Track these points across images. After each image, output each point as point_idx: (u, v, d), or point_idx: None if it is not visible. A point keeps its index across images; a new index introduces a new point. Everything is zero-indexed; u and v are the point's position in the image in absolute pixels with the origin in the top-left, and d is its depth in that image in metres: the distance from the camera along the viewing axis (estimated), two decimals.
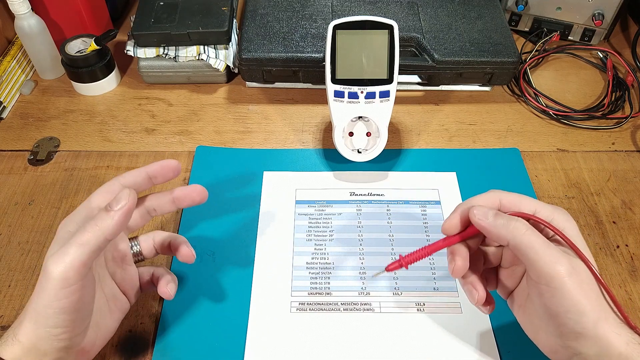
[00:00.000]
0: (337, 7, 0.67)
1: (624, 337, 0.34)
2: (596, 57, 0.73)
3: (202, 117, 0.64)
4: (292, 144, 0.61)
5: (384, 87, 0.53)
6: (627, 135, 0.62)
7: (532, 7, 0.73)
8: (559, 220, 0.37)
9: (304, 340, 0.44)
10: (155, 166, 0.41)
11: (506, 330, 0.45)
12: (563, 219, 0.37)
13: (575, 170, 0.58)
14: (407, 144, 0.61)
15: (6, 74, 0.65)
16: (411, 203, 0.54)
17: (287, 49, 0.62)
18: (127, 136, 0.62)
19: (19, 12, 0.61)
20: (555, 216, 0.37)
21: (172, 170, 0.41)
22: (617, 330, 0.34)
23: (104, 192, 0.39)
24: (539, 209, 0.38)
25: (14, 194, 0.55)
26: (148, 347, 0.44)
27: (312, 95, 0.67)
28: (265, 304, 0.47)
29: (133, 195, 0.36)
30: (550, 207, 0.38)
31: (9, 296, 0.47)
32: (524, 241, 0.35)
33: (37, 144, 0.60)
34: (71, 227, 0.37)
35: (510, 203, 0.38)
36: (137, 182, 0.40)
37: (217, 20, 0.64)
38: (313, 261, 0.50)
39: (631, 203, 0.55)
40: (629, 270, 0.50)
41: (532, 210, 0.38)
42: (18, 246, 0.51)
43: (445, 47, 0.62)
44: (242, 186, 0.56)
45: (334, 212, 0.54)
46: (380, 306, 0.47)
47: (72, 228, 0.37)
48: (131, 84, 0.68)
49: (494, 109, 0.65)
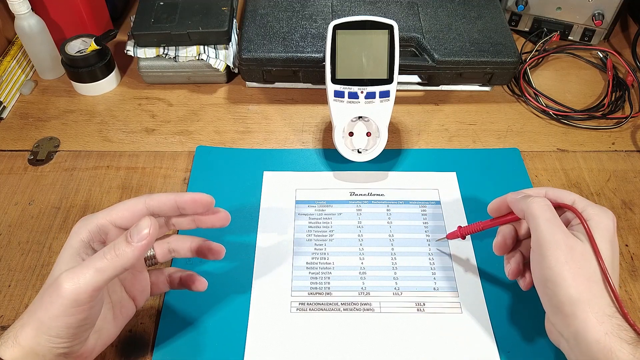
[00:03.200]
0: (337, 7, 0.67)
1: (606, 326, 0.35)
2: (596, 57, 0.73)
3: (202, 117, 0.64)
4: (292, 144, 0.61)
5: (384, 87, 0.53)
6: (627, 135, 0.62)
7: (532, 7, 0.73)
8: (591, 212, 0.40)
9: (304, 340, 0.44)
10: (187, 197, 0.39)
11: (506, 330, 0.45)
12: (596, 212, 0.40)
13: (575, 170, 0.58)
14: (407, 144, 0.61)
15: (6, 74, 0.65)
16: (411, 203, 0.54)
17: (287, 49, 0.62)
18: (127, 136, 0.62)
19: (19, 12, 0.61)
20: (589, 209, 0.40)
21: (204, 206, 0.40)
22: (601, 319, 0.35)
23: (127, 209, 0.38)
24: (578, 200, 0.41)
25: (14, 194, 0.55)
26: (148, 347, 0.44)
27: (312, 95, 0.67)
28: (265, 304, 0.47)
29: (154, 228, 0.35)
30: (591, 203, 0.41)
31: (9, 296, 0.47)
32: (533, 212, 0.40)
33: (37, 144, 0.60)
34: (84, 236, 0.37)
35: (554, 194, 0.42)
36: (163, 208, 0.39)
37: (217, 20, 0.64)
38: (313, 261, 0.50)
39: (631, 203, 0.55)
40: (629, 270, 0.50)
41: (570, 201, 0.41)
42: (18, 246, 0.51)
43: (445, 47, 0.62)
44: (242, 186, 0.56)
45: (334, 212, 0.54)
46: (380, 306, 0.47)
47: (84, 237, 0.37)
48: (131, 84, 0.68)
49: (494, 109, 0.65)
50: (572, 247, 0.37)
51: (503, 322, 0.45)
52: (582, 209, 0.40)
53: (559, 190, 0.43)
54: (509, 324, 0.45)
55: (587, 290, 0.36)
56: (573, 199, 0.41)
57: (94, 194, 0.56)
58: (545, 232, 0.38)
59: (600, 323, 0.35)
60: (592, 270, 0.37)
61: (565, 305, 0.36)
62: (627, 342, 0.34)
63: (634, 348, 0.34)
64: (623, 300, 0.47)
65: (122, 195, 0.55)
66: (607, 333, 0.34)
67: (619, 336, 0.34)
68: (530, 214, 0.40)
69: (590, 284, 0.36)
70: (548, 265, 0.37)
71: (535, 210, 0.40)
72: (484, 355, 0.44)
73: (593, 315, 0.35)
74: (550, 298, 0.38)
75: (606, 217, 0.40)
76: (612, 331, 0.34)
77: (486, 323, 0.46)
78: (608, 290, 0.36)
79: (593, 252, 0.37)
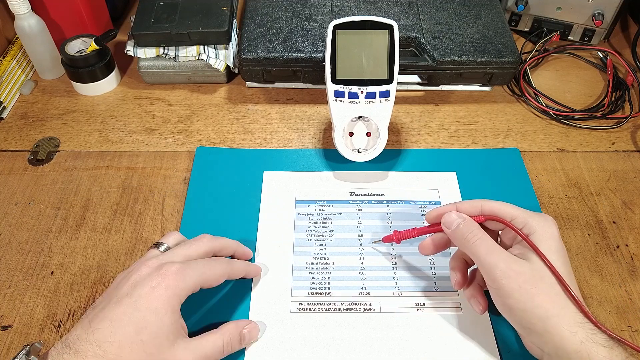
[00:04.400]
0: (337, 7, 0.67)
1: (580, 335, 0.35)
2: (596, 57, 0.73)
3: (202, 117, 0.64)
4: (292, 144, 0.61)
5: (384, 87, 0.53)
6: (627, 135, 0.62)
7: (532, 7, 0.73)
8: (533, 224, 0.40)
9: (304, 340, 0.44)
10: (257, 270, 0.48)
11: (506, 330, 0.45)
12: (537, 223, 0.40)
13: (575, 170, 0.58)
14: (407, 144, 0.61)
15: (6, 74, 0.65)
16: (411, 203, 0.54)
17: (287, 49, 0.62)
18: (127, 136, 0.62)
19: (19, 12, 0.61)
20: (529, 221, 0.40)
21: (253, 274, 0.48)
22: (573, 329, 0.36)
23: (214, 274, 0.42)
24: (518, 214, 0.41)
25: (14, 194, 0.55)
26: None
27: (312, 95, 0.67)
28: (265, 304, 0.47)
29: None
30: (531, 213, 0.41)
31: (9, 296, 0.47)
32: (471, 250, 0.40)
33: (37, 144, 0.60)
34: None
35: (491, 209, 0.42)
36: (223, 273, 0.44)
37: (217, 20, 0.64)
38: (313, 261, 0.50)
39: (631, 203, 0.55)
40: (629, 270, 0.50)
41: (510, 216, 0.41)
42: (18, 246, 0.51)
43: (445, 47, 0.62)
44: (242, 186, 0.56)
45: (334, 212, 0.54)
46: (380, 306, 0.47)
47: None
48: (131, 84, 0.68)
49: (494, 109, 0.65)
50: (519, 272, 0.38)
51: (503, 322, 0.45)
52: (523, 223, 0.40)
53: (496, 202, 0.42)
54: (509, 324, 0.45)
55: (552, 306, 0.37)
56: (512, 214, 0.41)
57: (94, 194, 0.56)
58: (489, 266, 0.39)
59: (573, 334, 0.35)
60: (549, 284, 0.37)
61: (536, 326, 0.37)
62: (603, 345, 0.35)
63: (610, 350, 0.35)
64: (623, 300, 0.48)
65: (122, 195, 0.55)
66: (583, 341, 0.35)
67: (594, 341, 0.35)
68: (470, 253, 0.41)
69: (553, 298, 0.37)
70: (506, 295, 0.38)
71: (472, 247, 0.40)
72: (484, 355, 0.44)
73: (565, 328, 0.36)
74: (520, 322, 0.38)
75: (548, 225, 0.40)
76: (587, 338, 0.35)
77: (486, 323, 0.46)
78: (570, 298, 0.37)
79: (546, 266, 0.38)
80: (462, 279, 0.44)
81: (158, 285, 0.38)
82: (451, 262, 0.45)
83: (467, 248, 0.41)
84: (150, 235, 0.52)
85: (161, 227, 0.53)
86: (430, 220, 0.45)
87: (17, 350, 0.42)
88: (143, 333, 0.36)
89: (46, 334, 0.45)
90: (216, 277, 0.42)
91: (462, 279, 0.44)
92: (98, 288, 0.48)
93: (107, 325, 0.36)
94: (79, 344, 0.35)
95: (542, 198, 0.55)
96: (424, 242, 0.45)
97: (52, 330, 0.45)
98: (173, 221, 0.53)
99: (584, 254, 0.51)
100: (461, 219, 0.42)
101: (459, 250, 0.45)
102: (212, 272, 0.41)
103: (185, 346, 0.38)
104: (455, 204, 0.44)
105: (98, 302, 0.39)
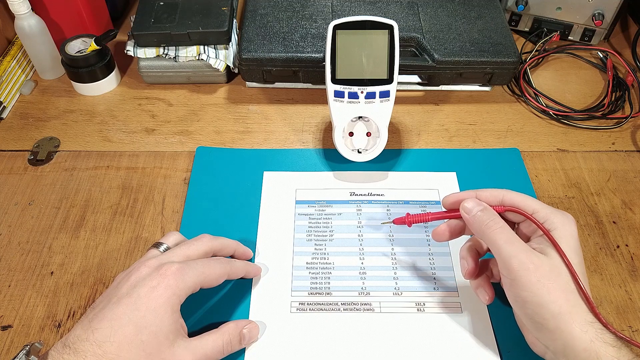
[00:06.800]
0: (337, 7, 0.67)
1: (590, 334, 0.35)
2: (596, 57, 0.73)
3: (202, 117, 0.64)
4: (292, 144, 0.61)
5: (384, 87, 0.53)
6: (627, 135, 0.62)
7: (532, 7, 0.73)
8: (554, 220, 0.39)
9: (304, 340, 0.44)
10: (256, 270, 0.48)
11: (506, 330, 0.45)
12: (559, 220, 0.40)
13: (575, 170, 0.58)
14: (407, 144, 0.61)
15: (6, 74, 0.65)
16: (411, 203, 0.54)
17: (287, 49, 0.62)
18: (127, 136, 0.62)
19: (19, 12, 0.61)
20: (551, 217, 0.40)
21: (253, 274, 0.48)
22: (584, 327, 0.36)
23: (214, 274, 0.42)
24: (540, 209, 0.40)
25: (14, 194, 0.55)
26: None
27: (312, 95, 0.67)
28: (265, 304, 0.47)
29: None
30: (552, 209, 0.40)
31: (9, 296, 0.47)
32: (490, 237, 0.39)
33: (37, 144, 0.61)
34: None
35: (512, 201, 0.42)
36: None
37: (217, 20, 0.64)
38: (313, 261, 0.50)
39: (631, 203, 0.55)
40: (629, 270, 0.50)
41: (532, 209, 0.41)
42: (18, 246, 0.51)
43: (445, 47, 0.62)
44: (242, 186, 0.56)
45: (334, 212, 0.54)
46: (380, 306, 0.47)
47: None
48: (131, 84, 0.68)
49: (494, 109, 0.65)
50: (538, 265, 0.37)
51: (503, 322, 0.45)
52: (545, 218, 0.40)
53: (518, 194, 0.42)
54: (509, 324, 0.45)
55: (566, 303, 0.36)
56: (534, 207, 0.41)
57: (94, 194, 0.56)
58: (508, 256, 0.38)
59: (584, 332, 0.36)
60: (566, 281, 0.37)
61: (548, 322, 0.36)
62: (611, 345, 0.35)
63: (618, 350, 0.35)
64: (623, 300, 0.48)
65: (122, 195, 0.55)
66: (592, 340, 0.35)
67: (603, 340, 0.35)
68: (488, 240, 0.40)
69: (568, 295, 0.37)
70: (522, 287, 0.37)
71: (492, 234, 0.39)
72: (484, 355, 0.44)
73: (577, 326, 0.36)
74: (531, 317, 0.38)
75: (569, 223, 0.40)
76: (596, 337, 0.35)
77: (486, 323, 0.46)
78: (583, 297, 0.37)
79: (563, 263, 0.38)
80: (474, 268, 0.44)
81: (158, 285, 0.38)
82: (462, 252, 0.44)
83: (485, 235, 0.40)
84: (150, 235, 0.52)
85: (161, 227, 0.53)
86: (447, 205, 0.44)
87: (17, 350, 0.42)
88: (143, 333, 0.36)
89: (46, 334, 0.45)
90: (216, 277, 0.42)
91: (473, 268, 0.43)
92: (98, 288, 0.48)
93: (106, 325, 0.36)
94: (79, 344, 0.35)
95: (542, 198, 0.55)
96: (439, 229, 0.44)
97: (52, 330, 0.45)
98: (173, 221, 0.53)
99: (584, 254, 0.51)
100: (482, 206, 0.41)
101: (470, 239, 0.45)
102: (211, 272, 0.41)
103: (185, 346, 0.38)
104: (475, 191, 0.43)
105: (98, 302, 0.39)
